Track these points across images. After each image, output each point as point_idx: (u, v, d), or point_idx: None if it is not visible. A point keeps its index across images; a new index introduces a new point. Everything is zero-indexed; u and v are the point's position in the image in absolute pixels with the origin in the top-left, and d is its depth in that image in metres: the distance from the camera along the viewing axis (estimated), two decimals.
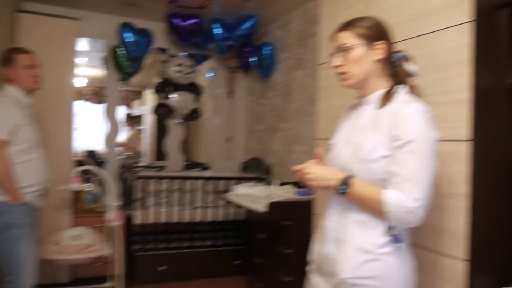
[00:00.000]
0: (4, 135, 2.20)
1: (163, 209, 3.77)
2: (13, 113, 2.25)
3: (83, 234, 3.22)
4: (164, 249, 3.75)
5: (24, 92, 2.36)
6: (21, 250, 2.25)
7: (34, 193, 2.33)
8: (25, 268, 2.26)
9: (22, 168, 2.26)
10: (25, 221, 2.28)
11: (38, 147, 2.39)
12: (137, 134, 6.45)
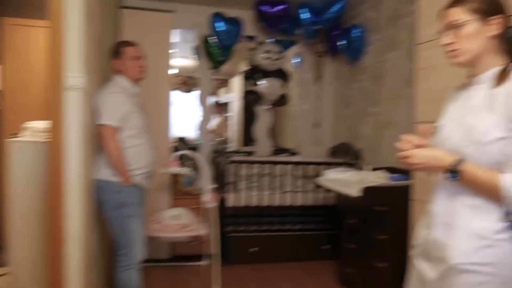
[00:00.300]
0: (116, 122, 2.38)
1: (254, 192, 3.89)
2: (123, 102, 2.43)
3: (181, 214, 3.43)
4: (255, 231, 3.88)
5: (131, 82, 2.54)
6: (131, 227, 2.45)
7: (141, 175, 2.52)
8: (135, 243, 2.46)
9: (132, 152, 2.45)
10: (135, 201, 2.48)
11: (145, 133, 2.56)
12: (225, 121, 6.68)
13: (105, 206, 2.46)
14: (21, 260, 2.54)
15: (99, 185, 2.44)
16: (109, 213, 2.45)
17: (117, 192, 2.42)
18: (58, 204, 2.12)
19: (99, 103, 2.40)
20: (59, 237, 2.13)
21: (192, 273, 3.60)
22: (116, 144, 2.38)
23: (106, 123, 2.36)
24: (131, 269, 2.45)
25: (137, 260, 2.48)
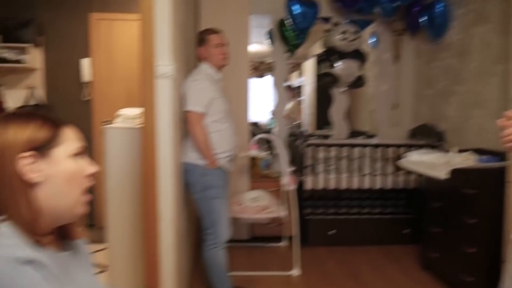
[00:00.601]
0: (201, 108, 2.49)
1: (332, 175, 3.87)
2: (208, 89, 2.52)
3: (261, 196, 3.51)
4: (333, 214, 3.88)
5: (215, 69, 2.63)
6: (217, 207, 2.56)
7: (225, 158, 2.61)
8: (221, 223, 2.57)
9: (216, 137, 2.55)
10: (220, 183, 2.58)
11: (228, 118, 2.65)
12: (298, 105, 6.67)
13: (192, 188, 2.59)
14: (118, 238, 2.76)
15: (186, 168, 2.57)
16: (196, 194, 2.58)
17: (203, 174, 2.53)
18: (152, 186, 2.27)
19: (186, 90, 2.52)
20: (154, 217, 2.29)
21: (271, 254, 3.69)
22: (202, 129, 2.48)
23: (192, 109, 2.47)
24: (217, 248, 2.57)
25: (222, 239, 2.58)
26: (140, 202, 2.67)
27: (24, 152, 0.80)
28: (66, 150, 0.85)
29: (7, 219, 0.78)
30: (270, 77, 7.56)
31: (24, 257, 0.71)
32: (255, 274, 3.21)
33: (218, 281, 2.58)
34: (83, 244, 1.02)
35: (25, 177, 0.80)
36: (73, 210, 0.86)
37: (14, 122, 0.82)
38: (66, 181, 0.84)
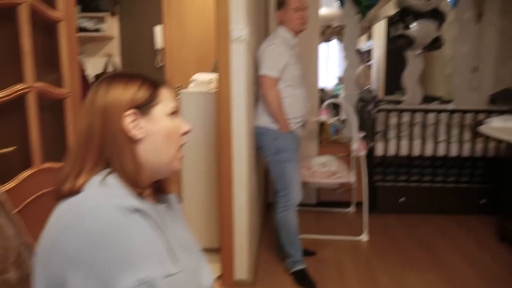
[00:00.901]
0: (276, 73, 2.48)
1: (404, 142, 3.76)
2: (283, 54, 2.51)
3: (329, 161, 3.50)
4: (404, 182, 3.78)
5: (292, 33, 2.60)
6: (289, 170, 2.59)
7: (297, 123, 2.63)
8: (292, 186, 2.61)
9: (289, 102, 2.55)
10: (291, 147, 2.60)
11: (301, 84, 2.64)
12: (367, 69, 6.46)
13: (264, 151, 2.64)
14: (193, 198, 2.90)
15: (259, 131, 2.61)
16: (268, 158, 2.62)
17: (275, 138, 2.56)
18: (228, 149, 2.34)
19: (261, 54, 2.52)
20: (228, 178, 2.37)
21: (338, 219, 3.70)
22: (276, 94, 2.49)
23: (267, 74, 2.47)
24: (288, 210, 2.62)
25: (294, 202, 2.63)
26: (214, 164, 2.77)
27: (128, 111, 0.86)
28: (164, 109, 0.90)
29: (112, 172, 0.84)
30: (336, 41, 7.36)
31: (132, 206, 0.76)
32: (323, 237, 3.25)
33: (288, 242, 2.64)
34: (176, 199, 1.08)
35: (129, 133, 0.86)
36: (170, 165, 0.92)
37: (117, 82, 0.88)
38: (164, 138, 0.89)
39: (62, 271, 0.71)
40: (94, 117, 0.85)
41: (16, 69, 1.78)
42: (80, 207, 0.76)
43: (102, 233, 0.71)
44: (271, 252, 3.00)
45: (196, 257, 0.97)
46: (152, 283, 0.70)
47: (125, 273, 0.69)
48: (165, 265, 0.74)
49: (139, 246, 0.73)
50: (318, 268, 2.75)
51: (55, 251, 0.73)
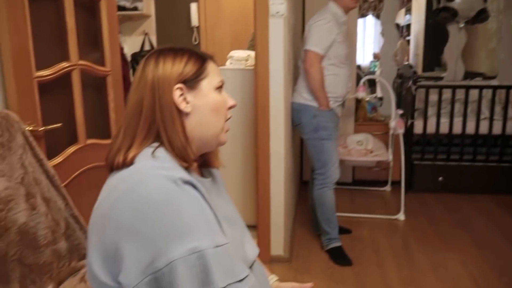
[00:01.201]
0: (321, 50, 2.43)
1: (444, 119, 3.65)
2: (332, 30, 2.43)
3: (366, 139, 3.46)
4: (443, 160, 3.69)
5: (342, 10, 2.52)
6: (327, 148, 2.57)
7: (337, 102, 2.59)
8: (331, 164, 2.59)
9: (331, 80, 2.50)
10: (330, 125, 2.57)
11: (346, 63, 2.57)
12: (405, 44, 6.26)
13: (303, 128, 2.61)
14: (230, 174, 2.93)
15: (299, 108, 2.58)
16: (307, 135, 2.60)
17: (315, 115, 2.53)
18: (265, 125, 2.35)
19: (309, 29, 2.47)
20: (266, 154, 2.38)
21: (374, 198, 3.67)
22: (318, 70, 2.44)
23: (312, 49, 2.42)
24: (326, 188, 2.61)
25: (332, 180, 2.61)
26: (251, 141, 2.79)
27: (178, 84, 0.87)
28: (211, 83, 0.91)
29: (162, 145, 0.86)
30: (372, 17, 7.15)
31: (182, 178, 0.78)
32: (359, 216, 3.24)
33: (325, 220, 2.64)
34: (219, 174, 1.10)
35: (179, 107, 0.87)
36: (217, 138, 0.93)
37: (166, 57, 0.89)
38: (211, 111, 0.90)
39: (116, 241, 0.74)
40: (144, 91, 0.86)
41: (61, 48, 1.84)
42: (132, 179, 0.78)
43: (154, 204, 0.73)
44: (306, 229, 3.01)
45: (240, 230, 0.99)
46: (203, 253, 0.71)
47: (176, 243, 0.71)
48: (214, 236, 0.75)
49: (190, 216, 0.74)
50: (353, 246, 2.75)
51: (108, 222, 0.76)
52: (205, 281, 0.71)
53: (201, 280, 0.71)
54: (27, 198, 1.36)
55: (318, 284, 2.31)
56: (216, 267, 0.72)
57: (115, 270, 0.75)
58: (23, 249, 1.30)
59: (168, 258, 0.70)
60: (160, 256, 0.70)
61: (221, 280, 0.72)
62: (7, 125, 1.39)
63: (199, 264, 0.71)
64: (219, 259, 0.73)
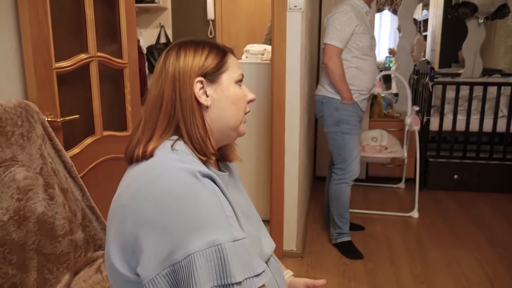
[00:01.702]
0: (341, 43, 2.38)
1: (461, 116, 3.60)
2: (351, 22, 2.37)
3: (381, 136, 3.43)
4: (459, 158, 3.65)
5: (365, 2, 2.47)
6: (349, 143, 2.52)
7: (362, 95, 2.53)
8: (351, 160, 2.54)
9: (354, 73, 2.46)
10: (353, 119, 2.51)
11: (370, 55, 2.51)
12: (422, 40, 6.17)
13: (324, 121, 2.57)
14: (245, 168, 2.94)
15: (322, 100, 2.54)
16: (328, 128, 2.55)
17: (337, 108, 2.48)
18: (281, 120, 2.34)
19: (327, 21, 2.44)
20: (281, 149, 2.38)
21: (388, 195, 3.64)
22: (337, 63, 2.40)
23: (330, 43, 2.39)
24: (345, 184, 2.57)
25: (351, 176, 2.57)
26: (266, 136, 2.78)
27: (198, 77, 0.87)
28: (231, 76, 0.91)
29: (180, 139, 0.86)
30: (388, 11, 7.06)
31: (201, 171, 0.78)
32: (373, 213, 3.21)
33: (338, 214, 2.63)
34: (236, 167, 1.10)
35: (199, 100, 0.87)
36: (236, 130, 0.93)
37: (187, 50, 0.89)
38: (231, 105, 0.90)
39: (135, 232, 0.74)
40: (164, 84, 0.87)
41: (80, 39, 1.85)
42: (152, 171, 0.79)
43: (173, 197, 0.73)
44: (318, 225, 3.01)
45: (256, 225, 0.99)
46: (221, 247, 0.71)
47: (195, 236, 0.71)
48: (232, 230, 0.75)
49: (209, 210, 0.74)
50: (366, 243, 2.74)
51: (128, 213, 0.77)
52: (223, 275, 0.71)
53: (218, 273, 0.71)
54: (45, 188, 1.38)
55: (330, 280, 2.31)
56: (234, 261, 0.72)
57: (133, 261, 0.76)
58: (41, 238, 1.32)
59: (187, 251, 0.70)
60: (179, 249, 0.71)
61: (239, 274, 0.72)
62: (27, 116, 1.41)
63: (217, 257, 0.71)
64: (237, 253, 0.73)
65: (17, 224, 1.24)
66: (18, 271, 1.21)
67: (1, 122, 1.29)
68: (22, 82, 1.55)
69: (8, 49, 1.49)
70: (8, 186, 1.25)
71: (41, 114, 1.48)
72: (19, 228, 1.24)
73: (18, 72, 1.53)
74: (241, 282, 0.72)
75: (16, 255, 1.22)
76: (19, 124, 1.36)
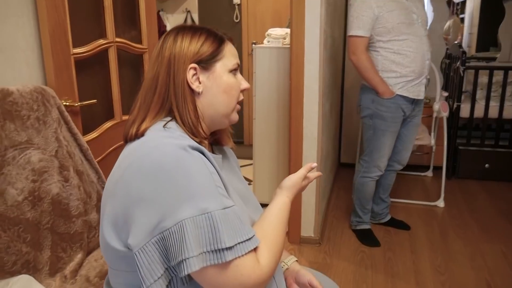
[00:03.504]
0: (363, 31, 2.20)
1: (494, 103, 3.45)
2: (369, 6, 2.18)
3: None
4: (491, 146, 3.51)
5: None
6: (380, 139, 2.38)
7: (410, 82, 2.28)
8: (379, 156, 2.42)
9: (393, 58, 2.24)
10: (390, 115, 2.31)
11: (409, 31, 2.21)
12: (458, 23, 5.92)
13: (361, 112, 2.45)
14: (263, 154, 2.94)
15: (361, 88, 2.42)
16: (363, 119, 2.45)
17: (374, 101, 2.32)
18: (299, 105, 2.31)
19: (349, 12, 2.31)
20: (299, 135, 2.36)
21: (414, 183, 3.55)
22: (364, 57, 2.23)
23: (352, 33, 2.23)
24: (368, 178, 2.50)
25: (375, 171, 2.47)
26: (286, 121, 2.76)
27: (192, 63, 0.87)
28: (226, 65, 0.91)
29: (172, 120, 0.87)
30: None
31: (191, 145, 0.80)
32: (396, 201, 3.15)
33: (360, 205, 2.59)
34: (232, 152, 1.11)
35: (192, 86, 0.88)
36: (227, 117, 0.94)
37: (184, 35, 0.90)
38: (223, 93, 0.91)
39: (127, 205, 0.76)
40: (160, 68, 0.88)
41: (99, 25, 1.88)
42: (142, 148, 0.81)
43: (162, 169, 0.75)
44: (339, 212, 2.98)
45: (251, 208, 1.00)
46: (212, 214, 0.73)
47: (185, 204, 0.73)
48: (222, 198, 0.77)
49: (199, 180, 0.76)
50: (387, 231, 2.70)
51: (119, 188, 0.79)
52: (213, 241, 0.73)
53: (209, 240, 0.73)
54: (60, 171, 1.43)
55: (346, 267, 2.29)
56: (224, 228, 0.74)
57: (125, 234, 0.78)
58: (56, 218, 1.37)
59: (177, 218, 0.72)
60: (169, 217, 0.72)
61: (230, 240, 0.74)
62: (43, 100, 1.45)
63: (208, 224, 0.73)
64: (228, 220, 0.75)
65: (32, 204, 1.29)
66: (31, 249, 1.27)
67: (17, 107, 1.34)
68: (41, 68, 1.59)
69: (28, 35, 1.53)
70: (23, 168, 1.30)
71: (57, 98, 1.52)
72: (33, 208, 1.30)
73: (38, 58, 1.57)
74: (233, 247, 0.74)
75: (30, 234, 1.27)
76: (35, 108, 1.40)
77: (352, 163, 3.69)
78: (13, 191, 1.25)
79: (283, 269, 1.11)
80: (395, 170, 2.64)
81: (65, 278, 1.31)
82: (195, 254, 0.71)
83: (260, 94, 2.84)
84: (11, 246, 1.20)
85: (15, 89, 1.35)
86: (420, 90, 2.35)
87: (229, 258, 0.73)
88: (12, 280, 1.09)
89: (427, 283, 2.15)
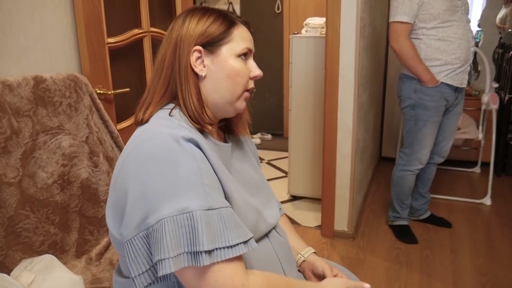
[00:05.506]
0: (406, 17, 2.11)
1: None
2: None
3: None
4: None
5: None
6: (422, 130, 2.29)
7: (454, 71, 2.19)
8: (420, 149, 2.32)
9: (437, 46, 2.15)
10: (433, 105, 2.22)
11: (451, 20, 2.13)
12: None
13: (402, 102, 2.35)
14: (298, 146, 2.90)
15: (402, 78, 2.33)
16: (404, 109, 2.35)
17: (416, 90, 2.24)
18: (334, 96, 2.25)
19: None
20: (334, 126, 2.30)
21: (459, 179, 3.39)
22: (407, 44, 2.14)
23: (395, 19, 2.14)
24: (408, 172, 2.40)
25: (415, 164, 2.37)
26: (320, 112, 2.71)
27: (197, 46, 0.86)
28: (233, 49, 0.87)
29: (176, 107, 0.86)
30: None
31: (185, 136, 0.77)
32: (439, 197, 3.01)
33: (398, 200, 2.50)
34: (249, 141, 1.08)
35: (195, 69, 0.86)
36: (232, 105, 0.90)
37: (195, 16, 0.88)
38: (227, 78, 0.87)
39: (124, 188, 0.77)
40: (167, 49, 0.87)
41: (134, 15, 1.92)
42: (143, 135, 0.80)
43: (153, 161, 0.74)
44: (377, 207, 2.90)
45: (263, 198, 0.97)
46: (192, 214, 0.70)
47: (168, 202, 0.71)
48: (208, 198, 0.73)
49: (185, 176, 0.73)
50: (427, 228, 2.59)
51: (121, 171, 0.79)
52: (192, 242, 0.70)
53: (188, 240, 0.70)
54: (90, 156, 1.47)
55: (380, 263, 2.22)
56: (204, 230, 0.70)
57: (119, 223, 0.79)
58: (84, 202, 1.42)
59: (159, 215, 0.71)
60: (153, 213, 0.71)
61: (209, 243, 0.70)
62: (75, 87, 1.50)
63: (188, 224, 0.70)
64: (209, 221, 0.72)
65: (61, 187, 1.34)
66: (59, 231, 1.32)
67: (50, 93, 1.39)
68: (77, 56, 1.64)
69: (65, 25, 1.59)
70: (54, 152, 1.35)
71: (90, 86, 1.57)
72: (62, 191, 1.35)
73: (74, 47, 1.63)
74: (211, 252, 0.70)
75: (59, 216, 1.32)
76: (67, 95, 1.45)
77: (394, 157, 3.57)
78: (43, 174, 1.30)
79: (299, 262, 1.08)
80: (435, 163, 2.52)
81: (91, 260, 1.35)
82: (171, 256, 0.69)
83: (296, 84, 2.80)
84: (39, 227, 1.25)
85: (48, 76, 1.40)
86: (464, 78, 2.25)
87: (207, 262, 0.69)
88: (36, 259, 1.13)
89: (466, 283, 2.04)
